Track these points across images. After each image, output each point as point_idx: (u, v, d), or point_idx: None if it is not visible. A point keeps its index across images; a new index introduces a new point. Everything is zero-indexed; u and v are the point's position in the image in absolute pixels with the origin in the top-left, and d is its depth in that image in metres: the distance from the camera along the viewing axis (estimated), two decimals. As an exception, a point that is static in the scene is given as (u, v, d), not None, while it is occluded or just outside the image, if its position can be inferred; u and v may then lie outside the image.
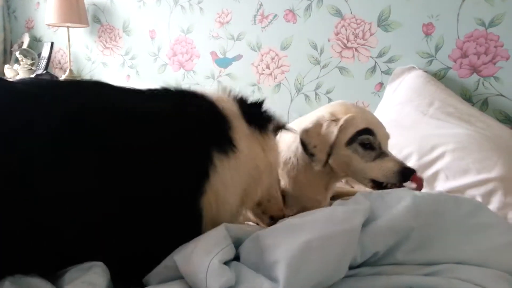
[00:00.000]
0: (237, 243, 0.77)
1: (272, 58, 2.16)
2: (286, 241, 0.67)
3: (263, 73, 2.19)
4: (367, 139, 1.03)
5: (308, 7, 2.01)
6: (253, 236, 0.74)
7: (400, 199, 0.76)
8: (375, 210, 0.76)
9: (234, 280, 0.66)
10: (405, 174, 1.01)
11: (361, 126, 1.04)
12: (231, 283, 0.65)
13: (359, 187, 1.38)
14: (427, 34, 1.79)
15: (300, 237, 0.67)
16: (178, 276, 0.72)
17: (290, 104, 2.15)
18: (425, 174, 1.37)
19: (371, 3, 1.87)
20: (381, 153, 1.04)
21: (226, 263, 0.71)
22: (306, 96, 2.10)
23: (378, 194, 0.82)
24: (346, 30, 1.94)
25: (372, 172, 1.03)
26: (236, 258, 0.76)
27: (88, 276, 0.67)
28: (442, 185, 1.34)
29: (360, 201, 0.79)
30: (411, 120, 1.56)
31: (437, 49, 1.79)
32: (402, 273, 0.74)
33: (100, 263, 0.70)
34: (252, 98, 0.97)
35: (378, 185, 1.04)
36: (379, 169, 1.02)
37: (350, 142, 1.04)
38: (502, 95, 1.72)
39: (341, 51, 1.97)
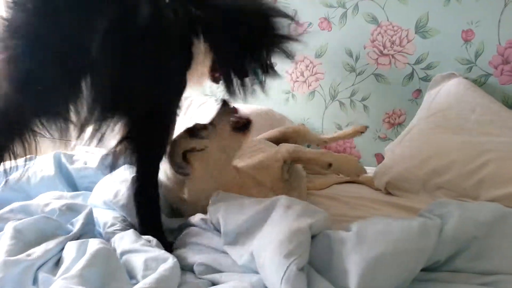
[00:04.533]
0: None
1: (307, 66, 2.17)
2: (358, 252, 0.68)
3: (297, 81, 2.21)
4: None
5: (344, 15, 2.02)
6: (323, 236, 0.76)
7: (460, 209, 0.76)
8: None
9: None
10: None
11: None
12: None
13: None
14: (467, 41, 1.77)
15: (373, 250, 0.68)
16: None
17: (325, 111, 2.15)
18: (469, 182, 1.36)
19: (408, 10, 1.86)
20: None
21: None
22: (341, 103, 2.11)
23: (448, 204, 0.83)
24: (382, 37, 1.94)
25: None
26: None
27: None
28: (485, 194, 1.33)
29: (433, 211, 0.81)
30: (453, 127, 1.54)
31: (477, 55, 1.77)
32: (459, 281, 0.74)
33: None
34: (286, 105, 1.01)
35: None
36: None
37: None
38: (545, 102, 1.69)
39: (377, 58, 1.97)
